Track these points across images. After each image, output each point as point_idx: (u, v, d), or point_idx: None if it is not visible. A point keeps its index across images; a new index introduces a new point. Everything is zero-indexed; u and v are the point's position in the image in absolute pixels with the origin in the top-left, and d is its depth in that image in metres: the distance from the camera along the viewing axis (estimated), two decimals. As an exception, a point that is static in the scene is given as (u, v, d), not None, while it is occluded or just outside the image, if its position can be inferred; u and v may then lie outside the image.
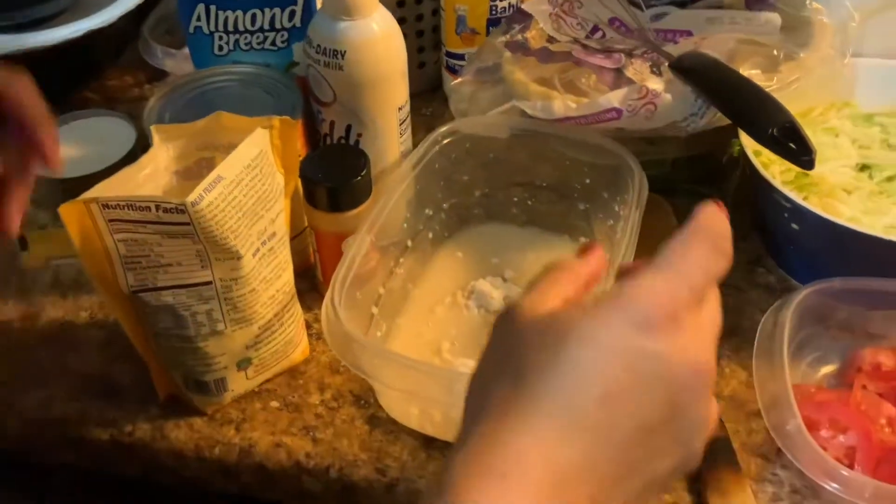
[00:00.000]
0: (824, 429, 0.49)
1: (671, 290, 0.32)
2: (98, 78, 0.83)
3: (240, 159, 0.46)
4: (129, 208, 0.44)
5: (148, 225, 0.44)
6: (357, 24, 0.55)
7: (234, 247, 0.47)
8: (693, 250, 0.33)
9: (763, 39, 0.61)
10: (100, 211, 0.44)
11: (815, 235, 0.56)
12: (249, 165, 0.47)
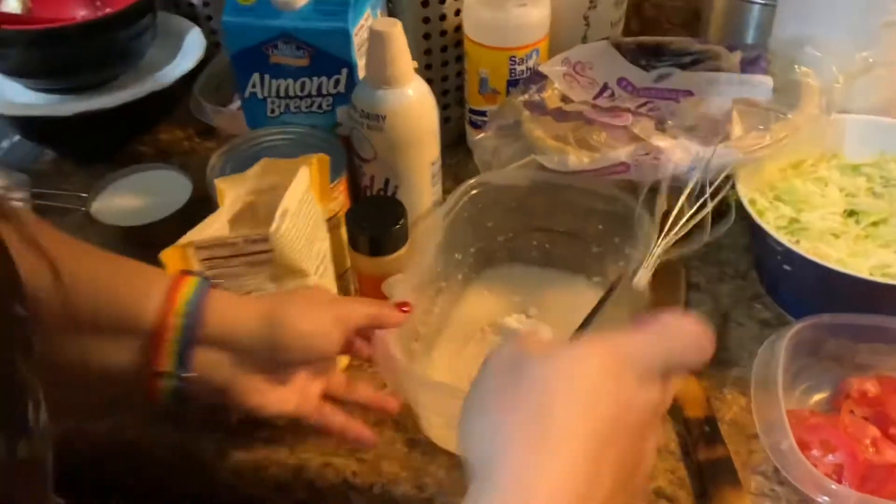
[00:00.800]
0: (815, 449, 0.55)
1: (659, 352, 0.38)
2: (150, 132, 0.90)
3: (295, 193, 0.54)
4: (219, 247, 0.51)
5: (234, 259, 0.52)
6: (395, 93, 0.62)
7: (303, 266, 0.55)
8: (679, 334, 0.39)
9: (757, 100, 0.67)
10: (194, 252, 0.51)
11: (806, 276, 0.62)
12: (302, 199, 0.55)
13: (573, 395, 0.35)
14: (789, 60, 0.72)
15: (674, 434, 0.59)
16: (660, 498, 0.55)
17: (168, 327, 0.48)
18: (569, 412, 0.34)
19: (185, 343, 0.48)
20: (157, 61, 0.86)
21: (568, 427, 0.34)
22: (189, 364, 0.48)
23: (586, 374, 0.36)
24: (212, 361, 0.49)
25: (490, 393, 0.37)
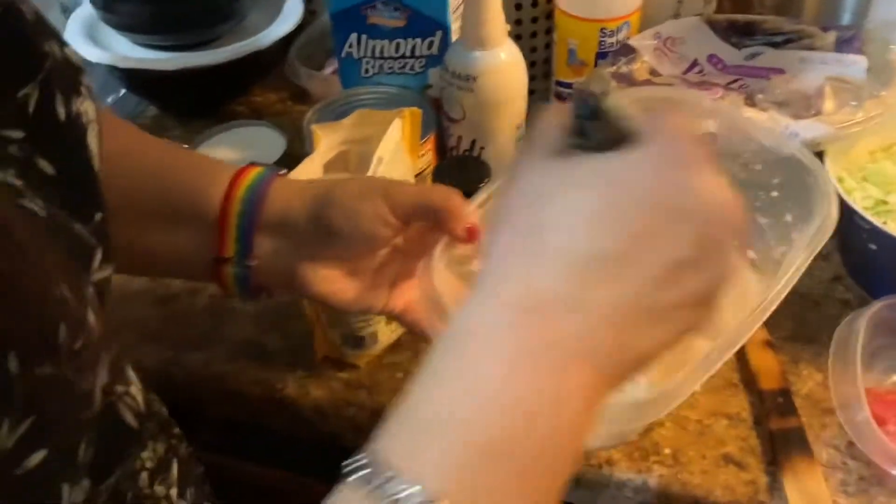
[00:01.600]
0: (892, 424, 0.55)
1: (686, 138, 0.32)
2: (245, 94, 0.94)
3: (389, 143, 0.56)
4: None
5: None
6: (488, 54, 0.64)
7: None
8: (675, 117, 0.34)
9: (850, 78, 0.67)
10: None
11: (891, 256, 0.62)
12: (395, 150, 0.57)
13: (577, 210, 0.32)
14: (885, 42, 0.71)
15: (746, 403, 0.59)
16: (728, 463, 0.56)
17: (230, 214, 0.48)
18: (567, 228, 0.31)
19: (246, 229, 0.48)
20: (257, 24, 0.89)
21: (562, 244, 0.31)
22: (251, 250, 0.49)
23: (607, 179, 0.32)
24: (273, 248, 0.49)
25: (505, 205, 0.34)
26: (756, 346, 0.62)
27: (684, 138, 0.32)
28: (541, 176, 0.33)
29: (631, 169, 0.32)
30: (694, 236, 0.31)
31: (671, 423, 0.58)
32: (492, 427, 0.29)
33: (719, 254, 0.32)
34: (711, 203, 0.31)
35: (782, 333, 0.64)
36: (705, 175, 0.31)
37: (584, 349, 0.30)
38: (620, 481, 0.56)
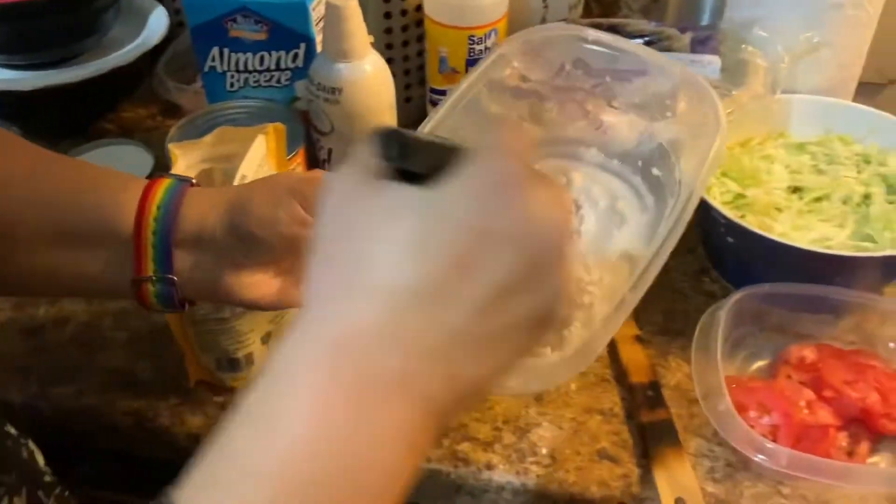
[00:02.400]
0: (752, 410, 0.57)
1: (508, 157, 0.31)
2: (114, 110, 0.91)
3: (253, 161, 0.55)
4: None
5: None
6: (352, 66, 0.64)
7: None
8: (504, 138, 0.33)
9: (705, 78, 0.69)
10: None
11: (749, 248, 0.64)
12: (260, 164, 0.56)
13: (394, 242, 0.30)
14: (739, 41, 0.74)
15: (619, 398, 0.61)
16: (602, 458, 0.57)
17: (144, 231, 0.47)
18: (384, 261, 0.30)
19: (163, 246, 0.47)
20: (121, 38, 0.86)
21: (380, 278, 0.29)
22: (170, 266, 0.48)
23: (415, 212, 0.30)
24: (193, 261, 0.48)
25: (319, 236, 0.32)
26: (626, 341, 0.64)
27: (506, 158, 0.31)
28: (355, 205, 0.31)
29: (448, 195, 0.30)
30: (516, 260, 0.30)
31: (548, 422, 0.59)
32: (301, 478, 0.28)
33: (546, 274, 0.31)
34: (533, 225, 0.30)
35: (651, 328, 0.66)
36: (527, 196, 0.30)
37: (406, 386, 0.29)
38: (499, 485, 0.56)
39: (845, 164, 0.71)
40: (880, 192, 0.68)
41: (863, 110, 0.73)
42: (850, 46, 0.74)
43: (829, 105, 0.74)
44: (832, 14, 0.72)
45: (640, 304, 0.67)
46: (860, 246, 0.65)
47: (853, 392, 0.57)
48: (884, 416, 0.57)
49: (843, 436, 0.57)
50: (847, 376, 0.58)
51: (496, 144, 0.32)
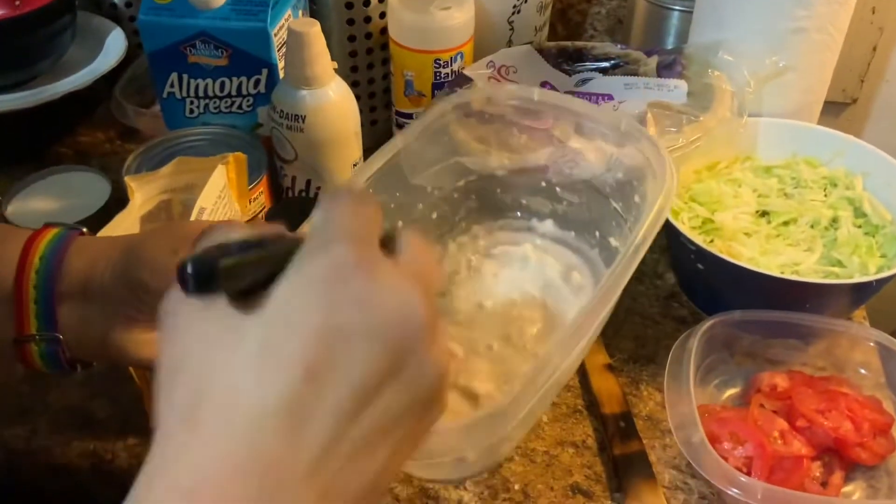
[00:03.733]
0: (726, 441, 0.57)
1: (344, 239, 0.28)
2: (71, 134, 0.88)
3: (212, 192, 0.54)
4: None
5: None
6: (315, 93, 0.62)
7: None
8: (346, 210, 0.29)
9: (671, 103, 0.69)
10: None
11: (718, 274, 0.64)
12: (220, 196, 0.54)
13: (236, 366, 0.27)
14: (704, 65, 0.74)
15: (591, 430, 0.60)
16: (576, 493, 0.56)
17: (25, 285, 0.44)
18: (230, 387, 0.26)
19: (46, 300, 0.44)
20: (77, 61, 0.84)
21: (227, 407, 0.26)
22: (55, 323, 0.44)
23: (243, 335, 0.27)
24: (80, 316, 0.45)
25: (158, 371, 0.29)
26: (597, 371, 0.63)
27: (340, 245, 0.28)
28: (189, 332, 0.28)
29: (281, 301, 0.27)
30: (374, 353, 0.27)
31: (519, 456, 0.58)
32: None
33: (412, 359, 0.28)
34: (384, 310, 0.27)
35: (622, 355, 0.65)
36: (371, 280, 0.27)
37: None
38: (471, 523, 0.55)
39: (812, 188, 0.71)
40: (848, 215, 0.68)
41: (829, 133, 0.73)
42: (814, 70, 0.74)
43: (795, 128, 0.74)
44: (796, 38, 0.72)
45: (611, 331, 0.67)
46: (829, 271, 0.64)
47: (826, 421, 0.57)
48: (857, 445, 0.56)
49: (816, 465, 0.57)
50: (819, 405, 0.58)
51: (329, 231, 0.28)
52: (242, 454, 0.25)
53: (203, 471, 0.25)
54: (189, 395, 0.27)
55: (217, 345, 0.27)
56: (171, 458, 0.26)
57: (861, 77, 0.96)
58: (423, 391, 0.29)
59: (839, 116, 1.00)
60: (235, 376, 0.26)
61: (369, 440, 0.27)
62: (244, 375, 0.26)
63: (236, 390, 0.26)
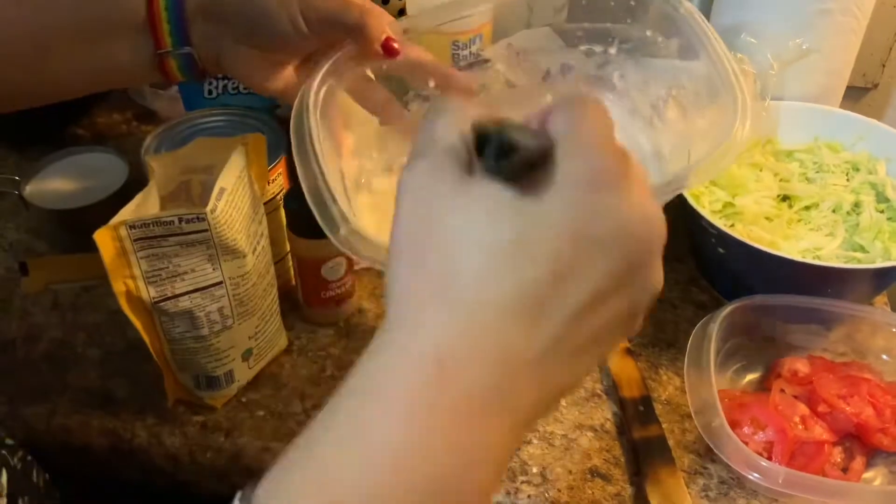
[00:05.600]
0: (746, 426, 0.56)
1: (601, 146, 0.29)
2: (88, 115, 0.88)
3: (232, 172, 0.53)
4: (154, 225, 0.50)
5: (169, 238, 0.51)
6: (334, 73, 0.62)
7: (241, 247, 0.54)
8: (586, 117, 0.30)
9: (693, 85, 0.68)
10: (127, 232, 0.50)
11: (739, 258, 0.63)
12: (240, 177, 0.54)
13: (491, 250, 0.28)
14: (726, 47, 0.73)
15: (610, 414, 0.60)
16: (594, 477, 0.56)
17: (157, 8, 0.52)
18: (482, 271, 0.28)
19: (178, 18, 0.52)
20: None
21: (479, 290, 0.28)
22: (187, 38, 0.53)
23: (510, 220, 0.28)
24: (205, 33, 0.53)
25: (403, 236, 0.30)
26: (616, 354, 0.63)
27: (595, 154, 0.29)
28: (443, 202, 0.29)
29: (543, 201, 0.28)
30: (613, 264, 0.28)
31: (538, 440, 0.58)
32: (383, 493, 0.26)
33: (639, 274, 0.29)
34: (629, 227, 0.29)
35: (642, 339, 0.65)
36: (621, 196, 0.29)
37: (504, 403, 0.28)
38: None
39: (834, 172, 0.70)
40: (870, 200, 0.67)
41: (852, 117, 0.72)
42: (838, 53, 0.73)
43: (817, 112, 0.74)
44: (821, 20, 0.71)
45: (630, 316, 0.67)
46: (851, 256, 0.64)
47: (848, 407, 0.56)
48: (879, 431, 0.56)
49: (837, 451, 0.56)
50: (841, 390, 0.57)
51: (581, 135, 0.29)
52: (488, 341, 0.27)
53: (445, 348, 0.27)
54: (442, 271, 0.28)
55: (475, 225, 0.28)
56: (413, 330, 0.28)
57: (882, 62, 0.95)
58: (641, 304, 0.30)
59: (860, 101, 0.99)
60: (489, 263, 0.28)
61: (589, 341, 0.29)
62: (497, 265, 0.28)
63: (488, 277, 0.28)
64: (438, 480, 0.27)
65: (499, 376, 0.27)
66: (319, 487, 0.26)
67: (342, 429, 0.28)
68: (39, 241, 0.74)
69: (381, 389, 0.28)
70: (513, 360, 0.28)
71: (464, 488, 0.27)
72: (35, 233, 0.75)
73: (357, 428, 0.27)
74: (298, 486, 0.27)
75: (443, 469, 0.27)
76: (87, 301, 0.68)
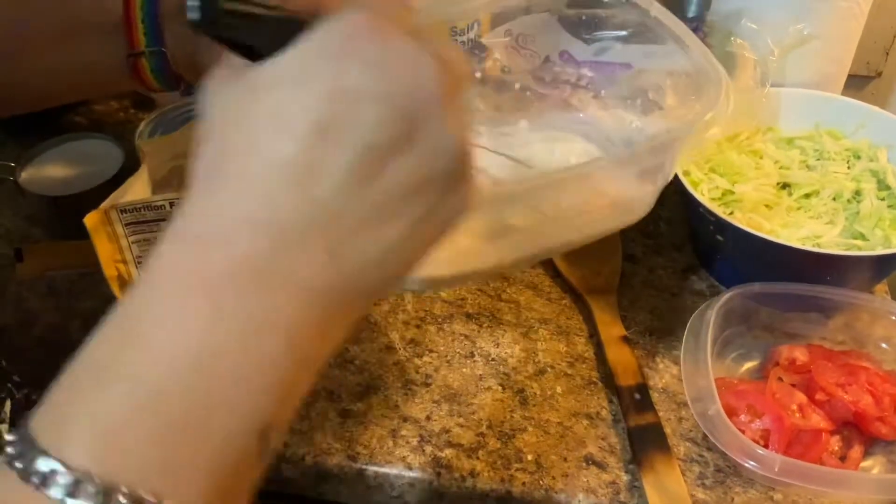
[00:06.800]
0: (743, 414, 0.56)
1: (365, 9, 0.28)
2: (85, 102, 0.88)
3: None
4: (145, 209, 0.50)
5: (161, 223, 0.50)
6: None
7: None
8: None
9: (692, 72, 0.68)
10: (118, 216, 0.49)
11: (738, 246, 0.63)
12: None
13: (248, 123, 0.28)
14: (727, 33, 0.72)
15: (606, 402, 0.59)
16: (590, 464, 0.56)
17: (133, 7, 0.50)
18: (243, 145, 0.28)
19: (152, 18, 0.50)
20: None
21: (243, 164, 0.27)
22: (162, 39, 0.51)
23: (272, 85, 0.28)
24: (180, 33, 0.51)
25: (199, 131, 0.30)
26: (613, 342, 0.62)
27: (358, 15, 0.28)
28: (222, 97, 0.29)
29: (297, 60, 0.28)
30: (382, 117, 0.27)
31: (533, 427, 0.58)
32: (157, 380, 0.25)
33: (424, 129, 0.27)
34: (396, 76, 0.27)
35: (639, 327, 0.65)
36: (386, 46, 0.27)
37: (281, 275, 0.27)
38: (484, 492, 0.55)
39: (835, 160, 0.70)
40: (871, 188, 0.67)
41: (852, 104, 0.72)
42: (840, 39, 0.73)
43: (818, 99, 0.73)
44: (822, 5, 0.70)
45: (627, 303, 0.66)
46: (851, 244, 0.63)
47: (846, 395, 0.56)
48: (877, 420, 0.55)
49: (835, 440, 0.56)
50: (839, 379, 0.57)
51: (353, 4, 0.29)
52: (254, 205, 0.27)
53: (212, 220, 0.27)
54: (212, 156, 0.28)
55: (236, 108, 0.28)
56: (185, 212, 0.28)
57: (886, 49, 0.94)
58: (441, 165, 0.28)
59: (863, 90, 0.98)
60: (252, 135, 0.27)
61: (384, 208, 0.28)
62: (259, 134, 0.27)
63: (252, 147, 0.27)
64: (214, 353, 0.26)
65: (268, 247, 0.27)
66: (99, 389, 0.26)
67: (120, 326, 0.27)
68: (35, 227, 0.74)
69: (148, 283, 0.27)
70: (284, 230, 0.27)
71: (246, 359, 0.26)
72: (31, 219, 0.75)
73: (123, 330, 0.27)
74: (79, 398, 0.26)
75: (216, 340, 0.26)
76: (82, 288, 0.68)
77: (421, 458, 0.55)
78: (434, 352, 0.63)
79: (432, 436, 0.57)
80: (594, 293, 0.67)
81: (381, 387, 0.60)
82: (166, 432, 0.25)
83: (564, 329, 0.65)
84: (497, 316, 0.66)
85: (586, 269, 0.68)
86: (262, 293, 0.27)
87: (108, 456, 0.25)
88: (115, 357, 0.26)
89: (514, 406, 0.59)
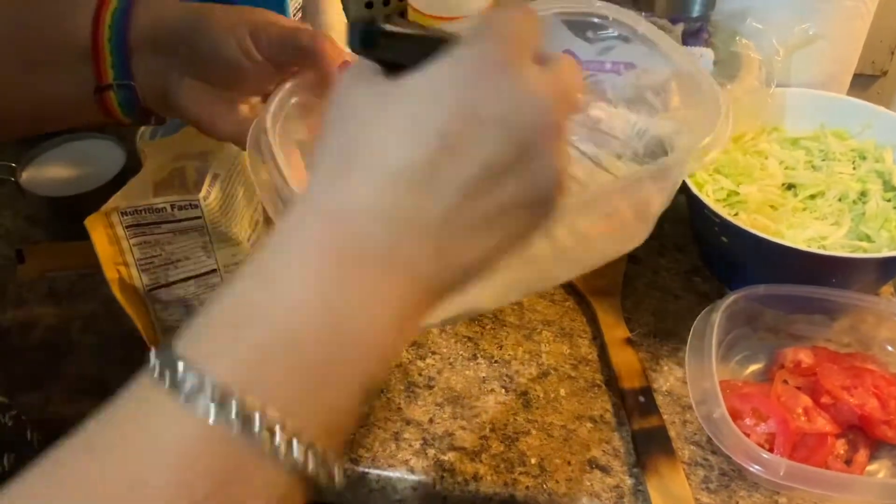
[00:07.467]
0: (748, 418, 0.56)
1: (500, 38, 0.31)
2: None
3: (226, 159, 0.53)
4: (146, 212, 0.49)
5: (162, 225, 0.50)
6: (331, 58, 0.61)
7: (235, 234, 0.53)
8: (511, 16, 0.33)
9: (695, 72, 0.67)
10: (119, 219, 0.49)
11: (743, 248, 0.62)
12: (234, 161, 0.53)
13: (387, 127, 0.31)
14: (731, 33, 0.72)
15: (610, 405, 0.59)
16: (593, 468, 0.55)
17: (101, 39, 0.48)
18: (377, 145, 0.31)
19: (120, 50, 0.49)
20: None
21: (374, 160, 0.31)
22: (129, 71, 0.49)
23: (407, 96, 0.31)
24: (147, 67, 0.49)
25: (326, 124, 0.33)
26: (616, 345, 0.62)
27: (496, 40, 0.31)
28: (355, 96, 0.32)
29: (435, 78, 0.31)
30: (502, 142, 0.30)
31: (536, 430, 0.57)
32: (293, 326, 0.29)
33: (535, 157, 0.31)
34: (520, 106, 0.30)
35: (642, 329, 0.64)
36: (515, 76, 0.31)
37: (395, 261, 0.30)
38: (487, 496, 0.54)
39: (840, 161, 0.69)
40: (877, 189, 0.66)
41: (858, 104, 0.71)
42: (845, 39, 0.72)
43: (823, 99, 0.72)
44: (827, 5, 0.70)
45: (631, 305, 0.66)
46: (856, 245, 0.63)
47: (851, 398, 0.55)
48: (883, 423, 0.55)
49: (841, 443, 0.55)
50: (844, 381, 0.56)
51: (487, 31, 0.32)
52: (379, 202, 0.30)
53: (347, 207, 0.30)
54: (343, 147, 0.31)
55: (370, 110, 0.31)
56: (321, 193, 0.31)
57: (892, 49, 0.94)
58: (541, 188, 0.32)
59: (868, 89, 0.98)
60: (383, 137, 0.30)
61: (487, 219, 0.31)
62: (390, 137, 0.30)
63: (381, 149, 0.30)
64: (332, 323, 0.29)
65: (388, 235, 0.30)
66: (237, 326, 0.29)
67: (255, 278, 0.30)
68: (36, 228, 0.74)
69: (285, 243, 0.30)
70: (404, 223, 0.30)
71: (358, 334, 0.29)
72: (32, 220, 0.74)
73: (267, 276, 0.30)
74: (220, 330, 0.29)
75: (335, 313, 0.29)
76: (83, 289, 0.68)
77: (423, 462, 0.55)
78: (437, 354, 0.62)
79: (435, 439, 0.56)
80: (598, 295, 0.66)
81: (383, 389, 0.59)
82: (300, 370, 0.28)
83: (568, 331, 0.64)
84: (500, 318, 0.65)
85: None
86: (380, 270, 0.30)
87: (252, 380, 0.27)
88: (256, 302, 0.29)
89: (517, 409, 0.59)
